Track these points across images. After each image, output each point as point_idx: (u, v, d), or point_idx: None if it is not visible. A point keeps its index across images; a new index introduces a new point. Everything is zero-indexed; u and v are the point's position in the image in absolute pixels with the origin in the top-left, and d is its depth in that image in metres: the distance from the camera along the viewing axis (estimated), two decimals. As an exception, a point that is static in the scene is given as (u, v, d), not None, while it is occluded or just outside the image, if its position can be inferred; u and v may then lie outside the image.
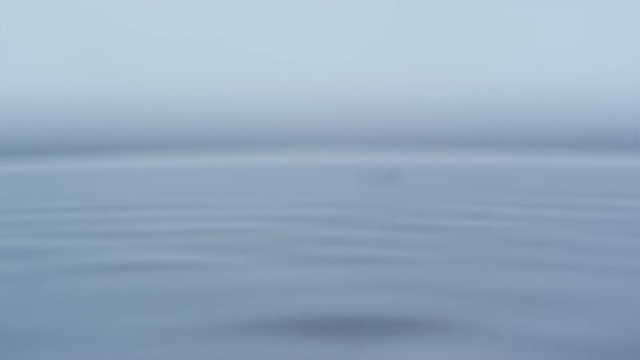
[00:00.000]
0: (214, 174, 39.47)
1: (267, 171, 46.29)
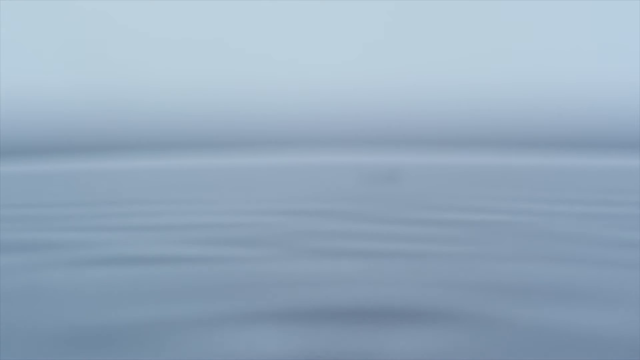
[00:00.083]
0: (215, 173, 39.64)
1: (268, 170, 46.51)
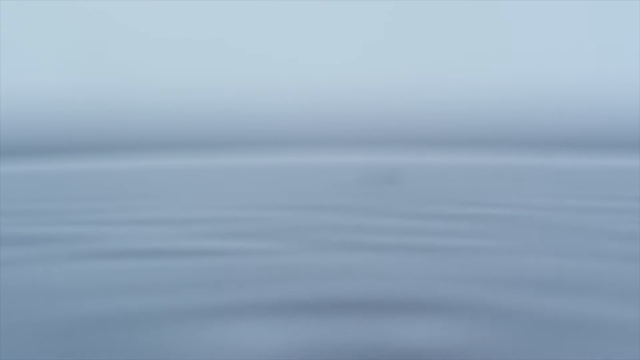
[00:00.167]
0: (216, 173, 39.65)
1: (269, 170, 46.52)
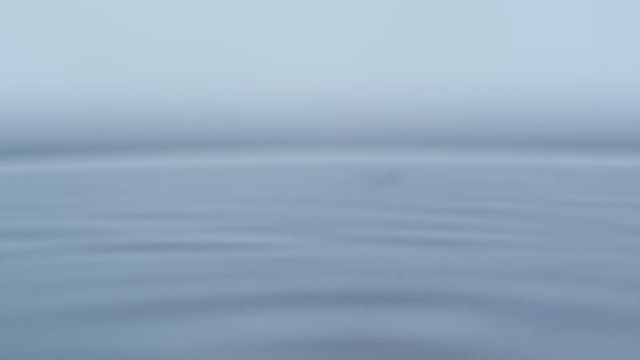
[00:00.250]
0: (217, 173, 39.69)
1: (269, 170, 46.64)
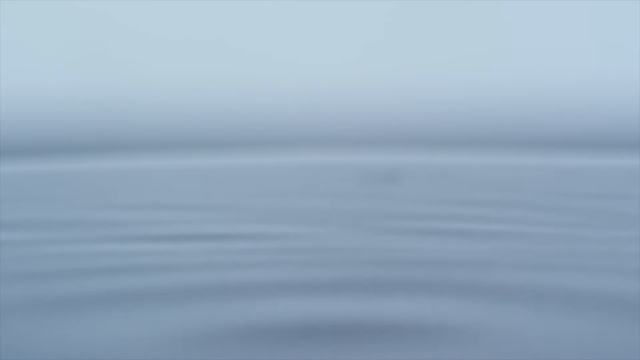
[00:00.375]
0: (217, 172, 39.67)
1: (270, 170, 46.64)
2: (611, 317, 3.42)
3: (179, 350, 2.90)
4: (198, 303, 3.80)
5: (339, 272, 4.46)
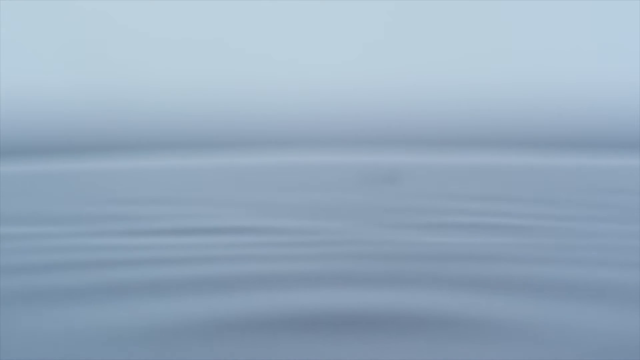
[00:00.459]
0: (218, 173, 39.75)
1: (270, 170, 46.76)
2: (611, 309, 3.43)
3: (181, 342, 2.91)
4: (200, 295, 3.81)
5: (342, 265, 4.48)
